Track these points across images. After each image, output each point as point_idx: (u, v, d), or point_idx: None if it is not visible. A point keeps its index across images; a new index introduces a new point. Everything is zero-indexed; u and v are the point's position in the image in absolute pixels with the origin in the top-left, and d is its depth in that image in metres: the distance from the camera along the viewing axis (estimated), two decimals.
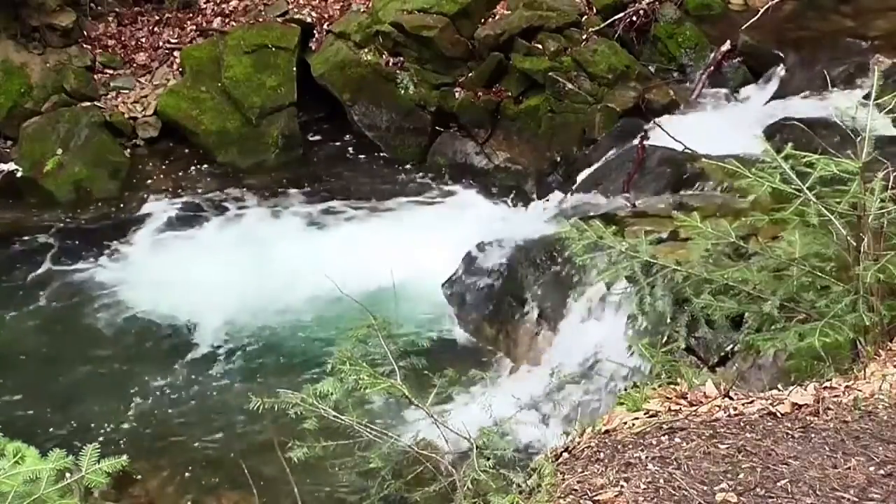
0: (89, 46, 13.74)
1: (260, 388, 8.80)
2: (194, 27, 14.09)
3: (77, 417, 9.51)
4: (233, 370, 10.12)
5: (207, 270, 11.40)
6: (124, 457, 3.85)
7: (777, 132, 9.96)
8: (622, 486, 3.79)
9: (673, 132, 10.80)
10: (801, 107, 11.08)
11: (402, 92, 13.04)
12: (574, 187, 11.50)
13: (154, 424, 9.47)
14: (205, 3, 14.32)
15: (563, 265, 9.53)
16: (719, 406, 4.35)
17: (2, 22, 13.21)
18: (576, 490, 3.84)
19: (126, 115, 13.31)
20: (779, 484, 3.76)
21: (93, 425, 9.39)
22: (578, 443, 4.26)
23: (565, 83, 12.32)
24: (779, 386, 4.71)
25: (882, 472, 3.82)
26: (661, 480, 3.80)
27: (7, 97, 13.10)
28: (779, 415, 4.23)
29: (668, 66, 12.70)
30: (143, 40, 14.00)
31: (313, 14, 13.97)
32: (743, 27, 12.27)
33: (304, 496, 5.04)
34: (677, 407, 4.42)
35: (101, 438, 8.60)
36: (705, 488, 3.76)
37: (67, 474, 3.77)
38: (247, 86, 13.29)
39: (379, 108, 13.15)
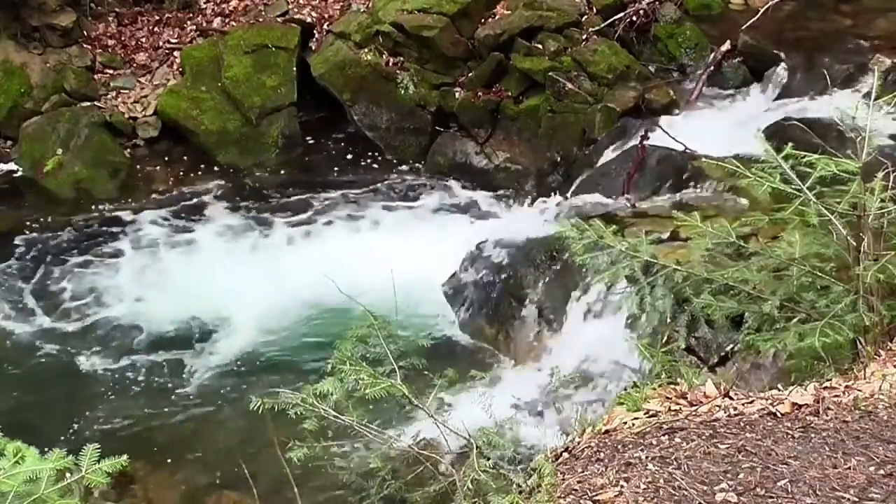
0: (89, 46, 13.74)
1: (260, 388, 8.81)
2: (194, 27, 14.09)
3: (77, 417, 9.52)
4: (232, 370, 10.12)
5: (207, 271, 11.41)
6: (124, 457, 3.84)
7: (777, 132, 9.96)
8: (622, 486, 3.79)
9: (673, 132, 10.81)
10: (801, 107, 11.08)
11: (402, 92, 13.04)
12: (574, 187, 11.50)
13: (154, 424, 9.47)
14: (205, 3, 14.32)
15: (563, 265, 9.53)
16: (719, 406, 4.35)
17: (2, 22, 13.21)
18: (576, 490, 3.84)
19: (126, 115, 13.31)
20: (779, 484, 3.76)
21: (93, 425, 9.39)
22: (578, 443, 4.26)
23: (565, 83, 12.31)
24: (779, 386, 4.71)
25: (882, 472, 3.81)
26: (661, 480, 3.80)
27: (7, 97, 13.10)
28: (779, 415, 4.23)
29: (668, 66, 12.70)
30: (143, 40, 13.99)
31: (313, 14, 13.97)
32: (743, 27, 12.26)
33: (304, 496, 5.04)
34: (677, 407, 4.42)
35: (101, 438, 8.59)
36: (705, 488, 3.75)
37: (67, 474, 3.77)
38: (247, 86, 13.29)
39: (379, 108, 13.16)
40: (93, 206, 12.60)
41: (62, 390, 9.92)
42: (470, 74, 12.99)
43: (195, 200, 12.68)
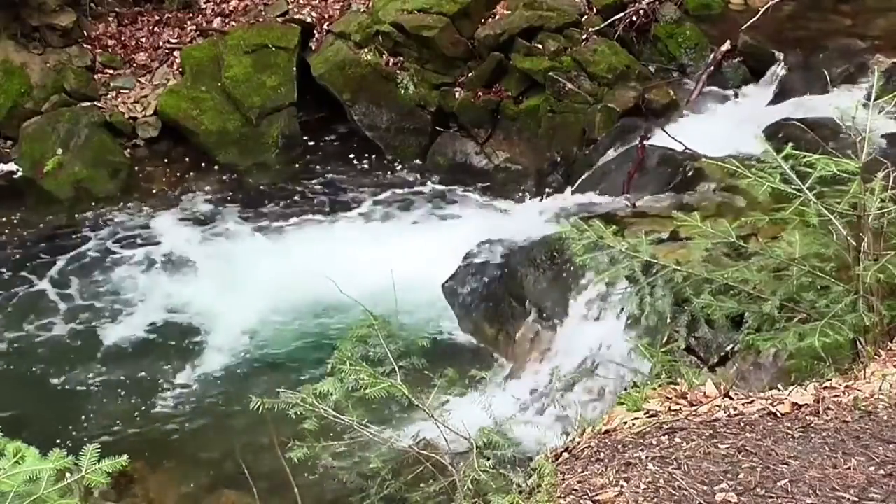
0: (89, 46, 13.74)
1: (260, 388, 8.81)
2: (194, 27, 14.09)
3: (77, 417, 9.51)
4: (232, 370, 10.11)
5: (206, 271, 11.41)
6: (124, 457, 3.84)
7: (777, 132, 9.96)
8: (622, 486, 3.79)
9: (673, 132, 10.81)
10: (801, 107, 11.08)
11: (402, 92, 13.05)
12: (574, 187, 11.50)
13: (154, 424, 9.47)
14: (205, 3, 14.32)
15: (563, 265, 9.53)
16: (719, 406, 4.34)
17: (2, 22, 13.21)
18: (576, 490, 3.84)
19: (126, 115, 13.32)
20: (779, 484, 3.76)
21: (93, 425, 9.39)
22: (578, 443, 4.26)
23: (565, 83, 12.31)
24: (779, 386, 4.71)
25: (882, 472, 3.81)
26: (661, 480, 3.80)
27: (7, 97, 13.10)
28: (779, 415, 4.23)
29: (668, 66, 12.71)
30: (143, 40, 14.00)
31: (313, 14, 13.97)
32: (743, 27, 12.27)
33: (304, 496, 5.03)
34: (677, 407, 4.42)
35: (101, 438, 8.60)
36: (705, 488, 3.75)
37: (67, 474, 3.77)
38: (247, 86, 13.29)
39: (379, 108, 13.16)
40: (93, 207, 12.60)
41: (61, 391, 9.92)
42: (470, 74, 13.00)
43: (195, 200, 12.68)
